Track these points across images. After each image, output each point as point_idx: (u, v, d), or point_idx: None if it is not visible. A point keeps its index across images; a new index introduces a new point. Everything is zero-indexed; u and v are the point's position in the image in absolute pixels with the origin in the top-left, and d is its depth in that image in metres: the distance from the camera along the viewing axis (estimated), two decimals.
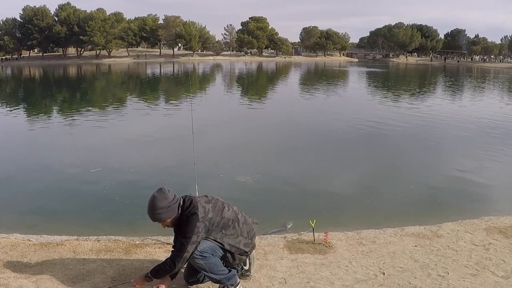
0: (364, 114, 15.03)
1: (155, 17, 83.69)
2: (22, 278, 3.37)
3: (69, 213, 5.87)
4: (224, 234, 3.08)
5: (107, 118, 14.28)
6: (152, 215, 3.03)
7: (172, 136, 11.11)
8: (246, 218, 3.28)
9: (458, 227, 4.63)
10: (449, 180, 7.44)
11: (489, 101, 21.08)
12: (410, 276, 3.48)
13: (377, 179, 7.64)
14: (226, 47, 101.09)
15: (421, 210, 6.10)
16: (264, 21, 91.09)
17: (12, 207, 6.08)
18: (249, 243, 3.23)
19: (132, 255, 3.87)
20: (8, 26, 73.21)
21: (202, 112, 14.64)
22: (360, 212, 5.99)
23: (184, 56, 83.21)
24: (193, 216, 2.98)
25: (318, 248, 4.02)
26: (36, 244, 4.12)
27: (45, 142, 10.74)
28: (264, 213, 5.64)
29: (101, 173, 7.54)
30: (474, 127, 12.75)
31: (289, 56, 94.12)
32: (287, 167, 8.21)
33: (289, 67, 63.57)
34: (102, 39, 71.83)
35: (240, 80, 37.36)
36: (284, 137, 11.32)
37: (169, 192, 3.04)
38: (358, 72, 50.58)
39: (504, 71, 63.79)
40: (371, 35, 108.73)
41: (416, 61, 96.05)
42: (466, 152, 9.68)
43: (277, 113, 15.97)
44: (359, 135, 11.47)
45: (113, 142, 10.76)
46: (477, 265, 3.69)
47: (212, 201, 3.13)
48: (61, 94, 24.40)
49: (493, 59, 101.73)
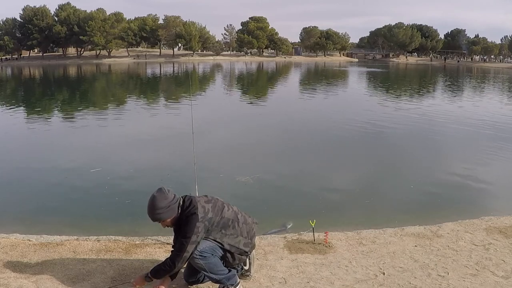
0: (364, 114, 15.03)
1: (155, 17, 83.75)
2: (22, 278, 3.37)
3: (69, 213, 5.86)
4: (223, 234, 3.08)
5: (107, 118, 14.28)
6: (152, 215, 3.03)
7: (172, 136, 11.11)
8: (246, 218, 3.28)
9: (458, 227, 4.63)
10: (449, 180, 7.44)
11: (489, 101, 21.08)
12: (410, 276, 3.48)
13: (377, 179, 7.64)
14: (226, 47, 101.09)
15: (421, 210, 6.10)
16: (264, 21, 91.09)
17: (12, 207, 6.08)
18: (249, 243, 3.23)
19: (132, 255, 3.87)
20: (8, 26, 73.20)
21: (202, 112, 14.63)
22: (360, 212, 5.98)
23: (184, 56, 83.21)
24: (193, 216, 2.98)
25: (318, 248, 4.02)
26: (36, 244, 4.12)
27: (45, 142, 10.74)
28: (264, 213, 5.64)
29: (101, 173, 7.54)
30: (474, 127, 12.75)
31: (289, 56, 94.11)
32: (287, 167, 8.20)
33: (289, 67, 63.57)
34: (102, 39, 71.83)
35: (240, 80, 37.36)
36: (284, 137, 11.32)
37: (169, 192, 3.04)
38: (358, 72, 50.58)
39: (504, 71, 63.79)
40: (371, 35, 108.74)
41: (416, 61, 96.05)
42: (466, 152, 9.68)
43: (277, 113, 15.97)
44: (359, 135, 11.47)
45: (113, 142, 10.76)
46: (477, 265, 3.69)
47: (212, 201, 3.13)
48: (61, 94, 24.40)
49: (493, 59, 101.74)
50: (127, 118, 14.41)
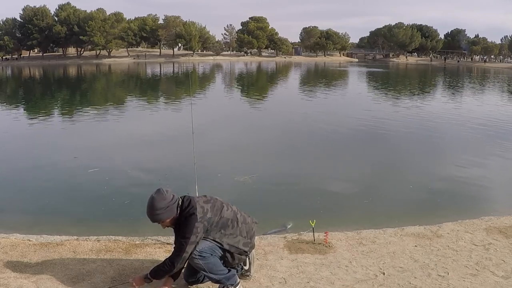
0: (364, 113, 15.02)
1: (155, 17, 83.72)
2: (22, 278, 3.37)
3: (69, 213, 5.86)
4: (223, 234, 3.08)
5: (107, 118, 14.27)
6: (151, 216, 3.03)
7: (172, 136, 11.11)
8: (246, 218, 3.28)
9: (458, 227, 4.63)
10: (449, 180, 7.44)
11: (489, 101, 21.06)
12: (410, 276, 3.48)
13: (377, 179, 7.64)
14: (226, 47, 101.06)
15: (421, 210, 6.10)
16: (264, 21, 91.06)
17: (12, 207, 6.08)
18: (248, 243, 3.23)
19: (132, 255, 3.87)
20: (8, 26, 73.18)
21: (202, 112, 14.63)
22: (360, 212, 5.98)
23: (184, 56, 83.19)
24: (192, 217, 2.98)
25: (318, 248, 4.02)
26: (36, 244, 4.12)
27: (45, 142, 10.73)
28: (264, 213, 5.63)
29: (102, 173, 7.54)
30: (474, 127, 12.75)
31: (289, 56, 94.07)
32: (288, 167, 8.20)
33: (289, 67, 63.55)
34: (102, 39, 71.80)
35: (240, 80, 37.35)
36: (285, 137, 11.31)
37: (167, 193, 3.04)
38: (358, 72, 50.57)
39: (504, 71, 63.78)
40: (371, 35, 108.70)
41: (416, 61, 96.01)
42: (466, 152, 9.67)
43: (277, 113, 15.97)
44: (359, 135, 11.47)
45: (113, 142, 10.76)
46: (477, 265, 3.69)
47: (211, 201, 3.13)
48: (60, 94, 24.39)
49: (493, 59, 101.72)
50: (127, 118, 14.41)
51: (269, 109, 17.58)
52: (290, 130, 12.31)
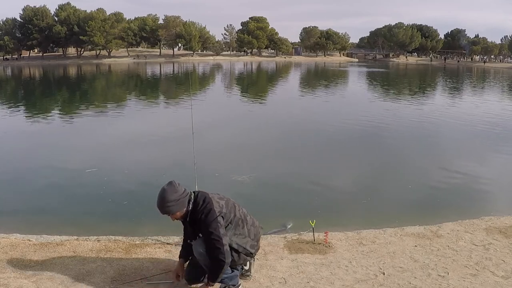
0: (364, 113, 15.01)
1: (155, 17, 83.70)
2: (22, 278, 3.37)
3: (69, 213, 5.86)
4: (233, 233, 3.10)
5: (107, 118, 14.28)
6: (161, 208, 3.01)
7: (172, 136, 11.10)
8: (254, 221, 3.32)
9: (458, 227, 4.63)
10: (449, 180, 7.43)
11: (489, 101, 21.05)
12: (410, 276, 3.48)
13: (377, 179, 7.64)
14: (226, 47, 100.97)
15: (421, 210, 6.10)
16: (264, 21, 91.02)
17: (12, 207, 6.08)
18: (255, 245, 3.26)
19: (132, 255, 3.87)
20: (8, 26, 73.12)
21: (202, 111, 14.63)
22: (360, 212, 5.98)
23: (184, 56, 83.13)
24: (211, 212, 2.99)
25: (318, 248, 4.02)
26: (36, 244, 4.12)
27: (45, 142, 10.73)
28: (264, 213, 5.62)
29: (102, 173, 7.53)
30: (474, 127, 12.74)
31: (289, 56, 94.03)
32: (288, 167, 8.20)
33: (289, 67, 63.53)
34: (102, 39, 71.76)
35: (240, 80, 37.34)
36: (285, 137, 11.31)
37: (179, 186, 3.04)
38: (358, 72, 50.55)
39: (504, 71, 63.75)
40: (371, 35, 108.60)
41: (416, 61, 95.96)
42: (466, 152, 9.67)
43: (277, 113, 15.96)
44: (359, 135, 11.47)
45: (113, 141, 10.75)
46: (477, 265, 3.69)
47: (225, 199, 3.18)
48: (60, 94, 24.38)
49: (493, 59, 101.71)
50: (127, 118, 14.41)
51: (269, 109, 17.58)
52: (289, 130, 12.30)
